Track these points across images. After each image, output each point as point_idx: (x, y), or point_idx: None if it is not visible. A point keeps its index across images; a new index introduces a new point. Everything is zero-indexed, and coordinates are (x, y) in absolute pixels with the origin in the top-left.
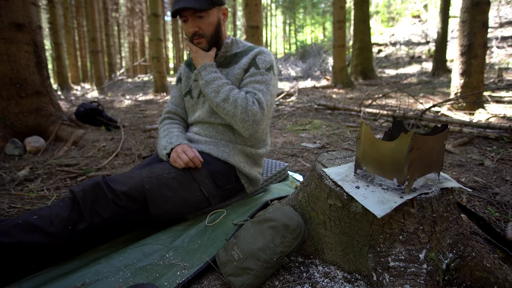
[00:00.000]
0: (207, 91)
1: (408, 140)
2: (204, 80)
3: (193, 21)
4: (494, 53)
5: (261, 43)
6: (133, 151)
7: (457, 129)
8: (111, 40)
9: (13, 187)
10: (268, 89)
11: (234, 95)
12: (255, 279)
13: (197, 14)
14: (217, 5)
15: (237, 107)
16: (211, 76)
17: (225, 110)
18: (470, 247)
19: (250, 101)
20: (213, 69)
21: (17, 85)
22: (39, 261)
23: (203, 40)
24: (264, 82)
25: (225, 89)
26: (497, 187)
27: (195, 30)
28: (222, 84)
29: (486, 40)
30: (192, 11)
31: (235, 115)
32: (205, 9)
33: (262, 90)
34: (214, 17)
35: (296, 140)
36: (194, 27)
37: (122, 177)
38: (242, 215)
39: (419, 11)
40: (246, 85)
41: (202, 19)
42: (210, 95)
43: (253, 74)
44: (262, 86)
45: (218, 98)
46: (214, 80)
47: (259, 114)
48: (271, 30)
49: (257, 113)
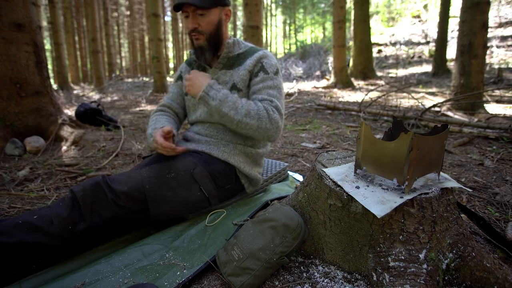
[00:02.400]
0: (224, 110)
1: (408, 140)
2: (218, 100)
3: (194, 18)
4: (494, 53)
5: (261, 43)
6: (133, 151)
7: (457, 129)
8: (111, 40)
9: (13, 187)
10: (280, 93)
11: (254, 108)
12: (255, 279)
13: (198, 11)
14: (220, 5)
15: (261, 119)
16: (222, 94)
17: (249, 125)
18: (470, 247)
19: (270, 110)
20: (219, 86)
21: (17, 85)
22: (39, 261)
23: (201, 37)
24: (275, 87)
25: (242, 104)
26: (497, 187)
27: (194, 27)
28: (236, 100)
29: (486, 40)
30: (194, 8)
31: (260, 127)
32: (206, 7)
33: (276, 95)
34: (215, 16)
35: (296, 140)
36: (194, 24)
37: (122, 177)
38: (242, 215)
39: (419, 11)
40: (260, 91)
41: (202, 17)
42: (229, 114)
43: (264, 79)
44: (275, 92)
45: (239, 115)
46: (227, 97)
47: (280, 121)
48: (271, 30)
49: (278, 120)
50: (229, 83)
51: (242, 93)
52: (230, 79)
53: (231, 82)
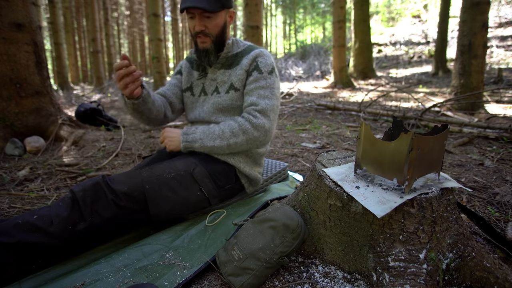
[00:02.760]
0: (209, 144)
1: (408, 140)
2: (199, 139)
3: (200, 20)
4: (494, 53)
5: (261, 43)
6: (133, 151)
7: (457, 129)
8: (111, 40)
9: (13, 187)
10: (273, 93)
11: (235, 126)
12: (255, 279)
13: (206, 14)
14: (226, 7)
15: (246, 132)
16: (200, 132)
17: (239, 143)
18: (470, 247)
19: (251, 118)
20: (192, 129)
21: (17, 85)
22: (39, 261)
23: (207, 39)
24: (268, 87)
25: (222, 128)
26: (497, 187)
27: (202, 29)
28: (214, 129)
29: (486, 40)
30: (200, 10)
31: (249, 139)
32: (215, 11)
33: (267, 95)
34: (221, 19)
35: (296, 140)
36: (201, 26)
37: (122, 177)
38: (242, 215)
39: (419, 11)
40: (251, 92)
41: (209, 19)
42: (215, 144)
43: (257, 79)
44: (266, 92)
45: (225, 139)
46: (204, 132)
47: (267, 123)
48: (271, 30)
49: (264, 124)
50: (227, 82)
51: (240, 92)
52: (228, 79)
53: (229, 82)
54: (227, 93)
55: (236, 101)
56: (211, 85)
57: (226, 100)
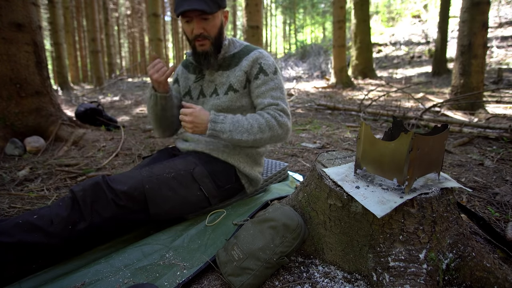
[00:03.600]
0: (237, 137)
1: (408, 140)
2: (228, 131)
3: (198, 23)
4: (494, 53)
5: (261, 43)
6: (133, 151)
7: (457, 129)
8: (111, 40)
9: (13, 187)
10: (283, 93)
11: (262, 122)
12: (255, 279)
13: (203, 16)
14: (221, 8)
15: (272, 129)
16: (229, 123)
17: (263, 139)
18: (470, 247)
19: (277, 116)
20: (221, 117)
21: (17, 85)
22: (39, 261)
23: (207, 42)
24: (277, 88)
25: (250, 122)
26: (497, 187)
27: (201, 32)
28: (243, 121)
29: (486, 40)
30: (198, 13)
31: (273, 136)
32: (213, 12)
33: (280, 97)
34: (218, 19)
35: (296, 140)
36: (199, 29)
37: (122, 177)
38: (242, 215)
39: (419, 11)
40: (264, 95)
41: (207, 21)
42: (243, 138)
43: (266, 81)
44: (278, 93)
45: (252, 134)
46: (234, 124)
47: (289, 123)
48: (271, 30)
49: (287, 122)
50: (226, 84)
51: (239, 93)
52: (227, 80)
53: (228, 83)
54: (226, 94)
55: (235, 102)
56: (210, 87)
57: (225, 102)
